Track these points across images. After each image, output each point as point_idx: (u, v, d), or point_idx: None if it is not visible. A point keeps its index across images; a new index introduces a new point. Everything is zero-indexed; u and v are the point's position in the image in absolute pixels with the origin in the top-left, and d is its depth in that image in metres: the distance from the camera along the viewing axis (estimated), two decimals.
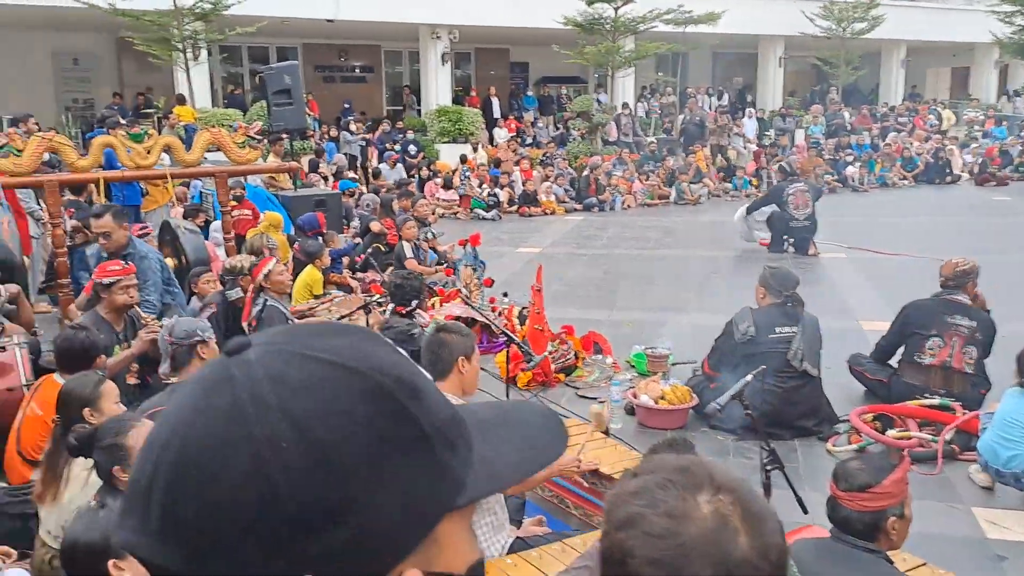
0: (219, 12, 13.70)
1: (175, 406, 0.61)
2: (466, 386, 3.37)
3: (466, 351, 3.31)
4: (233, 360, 0.61)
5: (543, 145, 19.68)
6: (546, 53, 20.60)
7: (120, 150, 6.33)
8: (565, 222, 14.25)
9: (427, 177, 15.98)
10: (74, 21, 16.57)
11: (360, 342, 0.64)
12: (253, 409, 0.57)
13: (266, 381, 0.58)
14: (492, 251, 10.23)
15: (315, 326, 0.68)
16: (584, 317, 7.36)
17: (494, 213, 14.47)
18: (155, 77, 18.40)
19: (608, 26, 18.31)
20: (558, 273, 9.46)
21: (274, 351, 0.61)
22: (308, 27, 19.09)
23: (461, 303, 6.72)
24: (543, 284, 6.19)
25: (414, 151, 17.62)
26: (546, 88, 24.23)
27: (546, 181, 15.85)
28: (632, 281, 9.55)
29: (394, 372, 0.63)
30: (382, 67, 23.67)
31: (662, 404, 5.22)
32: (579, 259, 10.89)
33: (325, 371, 0.60)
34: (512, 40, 23.22)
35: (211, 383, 0.60)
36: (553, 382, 5.95)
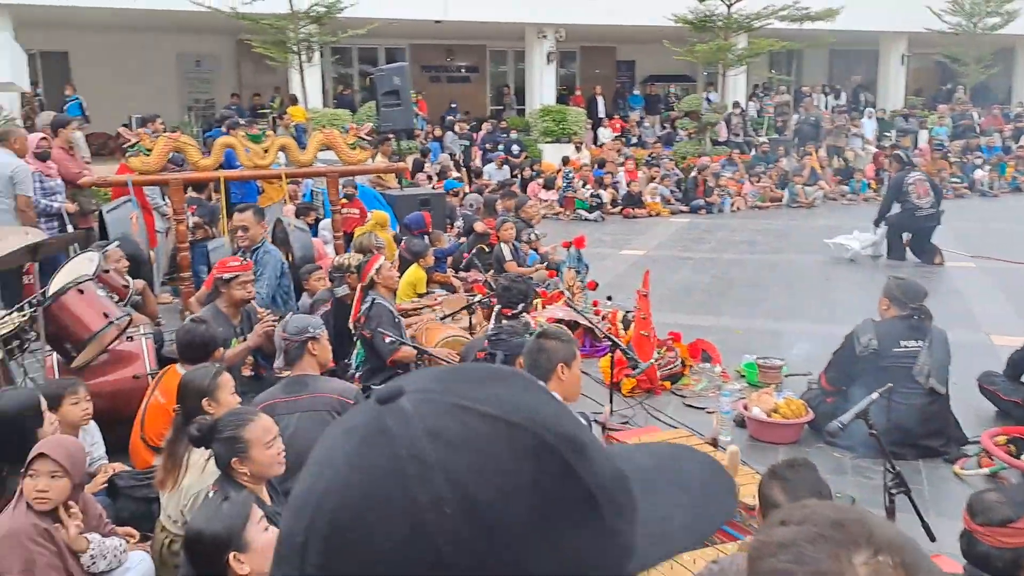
0: (333, 15, 14.08)
1: (327, 455, 0.59)
2: (566, 393, 3.31)
3: (566, 357, 3.27)
4: (387, 410, 0.58)
5: (649, 145, 19.37)
6: (653, 51, 20.27)
7: (239, 150, 6.55)
8: (670, 224, 13.95)
9: (529, 177, 15.96)
10: (198, 25, 17.39)
11: (519, 391, 0.61)
12: (413, 469, 0.55)
13: (424, 437, 0.56)
14: (595, 253, 10.10)
15: (470, 371, 0.64)
16: (691, 323, 7.17)
17: (597, 214, 14.30)
18: (270, 78, 19.13)
19: (720, 23, 17.84)
20: (664, 277, 9.26)
21: (430, 401, 0.58)
22: (416, 28, 19.42)
23: (564, 305, 6.63)
24: (649, 288, 6.05)
25: (517, 151, 17.65)
26: (653, 87, 23.85)
27: (652, 182, 15.56)
28: (742, 287, 9.24)
29: (557, 426, 0.59)
30: (487, 67, 23.86)
31: (775, 418, 5.00)
32: (685, 263, 10.63)
33: (485, 426, 0.57)
34: (619, 38, 22.97)
35: (366, 435, 0.58)
36: (658, 390, 5.80)
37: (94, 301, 4.76)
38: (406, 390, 0.59)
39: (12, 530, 2.81)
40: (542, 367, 3.21)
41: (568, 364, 3.25)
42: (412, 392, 0.59)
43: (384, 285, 5.45)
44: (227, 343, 4.78)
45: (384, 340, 5.11)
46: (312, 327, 3.98)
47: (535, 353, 3.26)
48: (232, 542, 2.38)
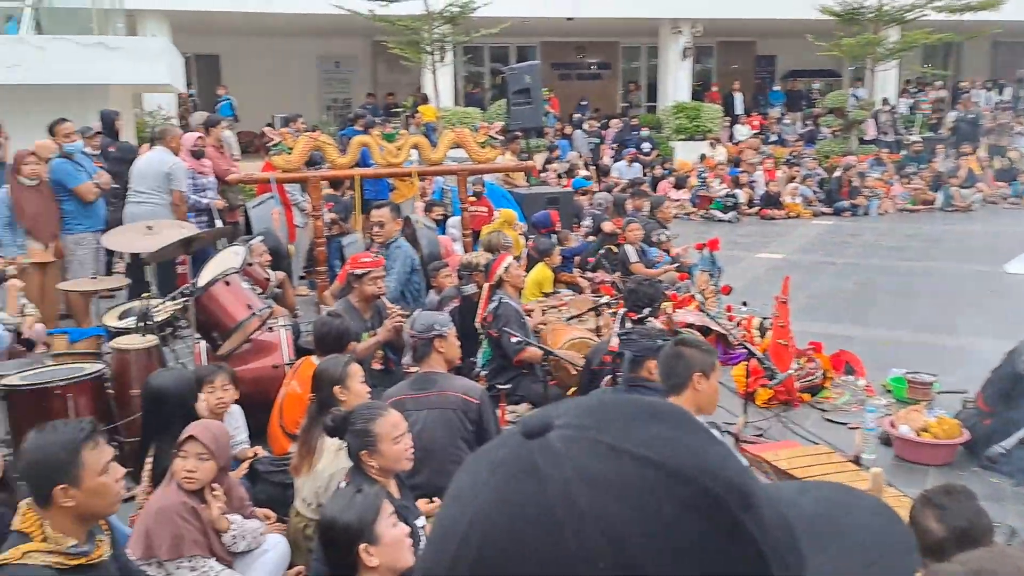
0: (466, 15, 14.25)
1: (471, 489, 0.56)
2: (701, 404, 3.18)
3: (704, 367, 3.16)
4: (536, 445, 0.54)
5: (789, 143, 18.57)
6: (796, 45, 19.42)
7: (374, 149, 6.70)
8: (811, 227, 13.30)
9: (660, 176, 15.62)
10: (337, 28, 18.08)
11: (680, 432, 0.56)
12: (565, 515, 0.51)
13: (577, 481, 0.52)
14: (729, 256, 9.74)
15: (626, 406, 0.58)
16: (834, 333, 6.79)
17: (732, 215, 13.82)
18: (404, 78, 19.66)
19: (870, 15, 16.84)
20: (804, 283, 8.80)
21: (582, 440, 0.54)
22: (547, 25, 19.42)
23: (695, 310, 6.40)
24: (788, 295, 5.76)
25: (648, 149, 17.33)
26: (794, 83, 22.84)
27: (792, 182, 14.88)
28: (890, 296, 8.67)
29: (724, 475, 0.54)
30: (619, 63, 23.58)
31: (925, 437, 4.64)
32: (828, 268, 10.08)
33: (644, 472, 0.52)
34: (759, 32, 22.15)
35: (513, 472, 0.54)
36: (797, 402, 5.50)
37: (239, 292, 4.97)
38: (555, 424, 0.55)
39: (163, 507, 2.97)
40: (678, 375, 3.13)
41: (706, 374, 3.14)
42: (562, 427, 0.55)
43: (511, 284, 5.43)
44: (358, 337, 4.89)
45: (511, 340, 5.08)
46: (439, 325, 3.99)
47: (671, 360, 3.18)
48: (363, 534, 2.42)
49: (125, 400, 4.50)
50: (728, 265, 8.61)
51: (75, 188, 6.73)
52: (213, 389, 3.93)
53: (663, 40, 19.77)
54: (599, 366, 4.62)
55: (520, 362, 5.20)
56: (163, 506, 2.98)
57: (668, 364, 3.18)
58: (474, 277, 5.88)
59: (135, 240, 6.06)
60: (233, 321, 4.84)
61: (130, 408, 4.42)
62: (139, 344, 4.67)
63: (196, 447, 3.05)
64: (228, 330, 4.84)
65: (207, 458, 3.05)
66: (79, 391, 4.30)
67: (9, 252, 6.51)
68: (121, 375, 4.60)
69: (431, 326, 3.98)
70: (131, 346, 4.66)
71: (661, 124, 19.06)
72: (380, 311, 5.31)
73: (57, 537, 2.36)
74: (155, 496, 3.06)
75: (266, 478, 3.95)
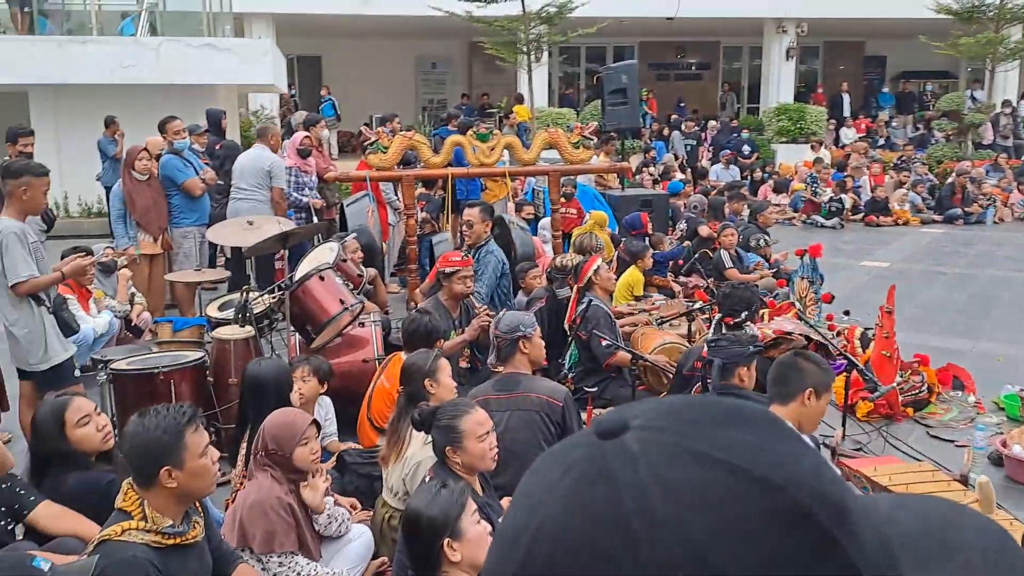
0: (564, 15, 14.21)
1: (541, 490, 0.53)
2: (803, 421, 3.06)
3: (818, 385, 3.09)
4: (609, 447, 0.51)
5: (899, 147, 17.75)
6: (908, 46, 18.59)
7: (467, 149, 6.74)
8: (921, 235, 12.66)
9: (761, 179, 15.17)
10: (435, 29, 18.35)
11: (769, 438, 0.51)
12: (640, 524, 0.47)
13: (654, 487, 0.48)
14: (832, 263, 9.38)
15: (708, 407, 0.53)
16: (942, 346, 6.45)
17: (835, 221, 13.29)
18: (499, 78, 19.78)
19: (991, 14, 15.92)
20: (911, 293, 8.38)
21: (659, 443, 0.50)
22: (646, 25, 19.18)
23: (794, 318, 6.16)
24: (894, 305, 5.49)
25: (748, 151, 16.88)
26: (906, 84, 21.87)
27: (901, 187, 14.21)
28: (1006, 308, 8.15)
29: (816, 486, 0.49)
30: (719, 63, 23.09)
31: None
32: (938, 278, 9.57)
33: (727, 481, 0.48)
34: (869, 32, 21.29)
35: (586, 475, 0.51)
36: (899, 416, 5.23)
37: (332, 288, 5.08)
38: (631, 425, 0.52)
39: (259, 500, 3.04)
40: (790, 385, 3.08)
41: (818, 392, 3.08)
42: (638, 428, 0.52)
43: (601, 287, 5.36)
44: (446, 335, 4.91)
45: (601, 343, 5.01)
46: (524, 325, 3.96)
47: (787, 369, 3.14)
48: (447, 528, 2.42)
49: (223, 388, 4.66)
50: (830, 273, 8.27)
51: (183, 184, 7.02)
52: (294, 379, 4.02)
53: (767, 40, 19.26)
54: (690, 372, 4.50)
55: (609, 366, 5.13)
56: (258, 499, 3.04)
57: (782, 372, 3.14)
58: (568, 280, 5.83)
59: (236, 234, 6.27)
60: (326, 315, 4.94)
61: (228, 395, 4.58)
62: (238, 335, 4.83)
63: (314, 430, 3.25)
64: (321, 324, 4.95)
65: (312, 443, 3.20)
66: (181, 377, 4.48)
67: (121, 244, 6.85)
68: (220, 364, 4.76)
69: (516, 327, 3.95)
70: (230, 336, 4.82)
71: (763, 126, 18.54)
72: (468, 310, 5.34)
73: (155, 517, 2.45)
74: (249, 487, 3.12)
75: (354, 469, 4.02)
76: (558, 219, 7.34)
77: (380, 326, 5.38)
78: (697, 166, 16.05)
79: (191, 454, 2.49)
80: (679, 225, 9.92)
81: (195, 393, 4.49)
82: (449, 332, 5.10)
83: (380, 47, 20.30)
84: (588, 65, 21.74)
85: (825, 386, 3.09)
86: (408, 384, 3.65)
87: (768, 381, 3.27)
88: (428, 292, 5.87)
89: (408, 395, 3.59)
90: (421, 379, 3.60)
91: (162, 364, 4.51)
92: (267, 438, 3.13)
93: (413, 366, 3.68)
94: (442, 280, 5.29)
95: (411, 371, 3.67)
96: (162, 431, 2.47)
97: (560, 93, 20.88)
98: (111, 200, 7.32)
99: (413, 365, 3.69)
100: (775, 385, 3.10)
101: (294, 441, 3.12)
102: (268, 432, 3.14)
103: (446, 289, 5.25)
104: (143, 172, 6.80)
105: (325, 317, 4.94)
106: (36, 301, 4.21)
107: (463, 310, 5.33)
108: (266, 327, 5.19)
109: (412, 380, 3.64)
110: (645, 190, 11.27)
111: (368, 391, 4.50)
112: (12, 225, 4.12)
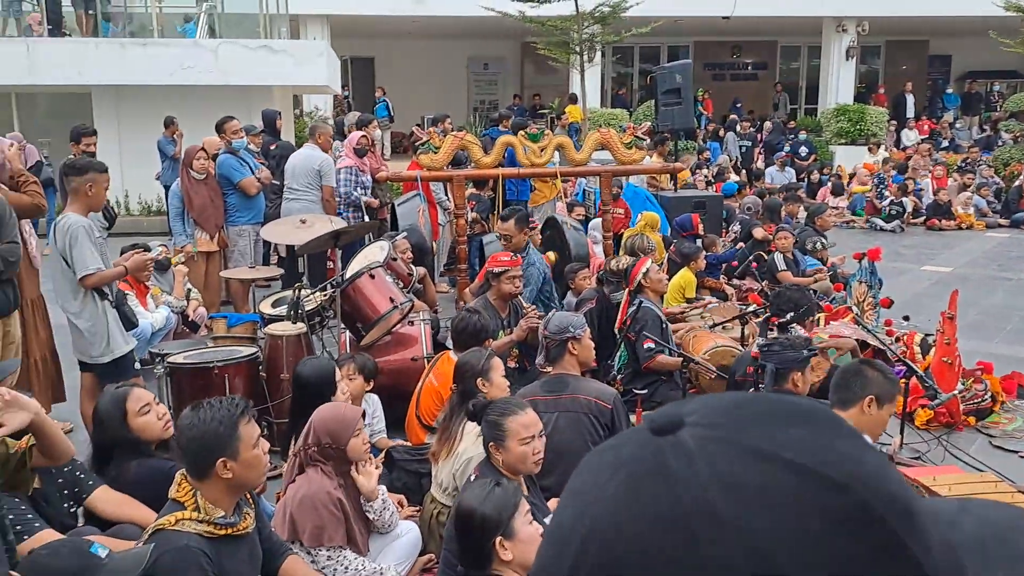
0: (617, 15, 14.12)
1: (594, 486, 0.51)
2: (863, 429, 2.99)
3: (881, 394, 3.05)
4: (666, 443, 0.50)
5: (963, 149, 17.22)
6: (974, 44, 18.05)
7: (518, 149, 6.74)
8: (985, 239, 12.25)
9: (818, 181, 14.85)
10: (487, 30, 18.41)
11: (831, 436, 0.49)
12: (700, 523, 0.46)
13: (715, 486, 0.47)
14: (891, 267, 9.13)
15: (767, 404, 0.51)
16: (1006, 354, 6.23)
17: (896, 224, 12.96)
18: (551, 78, 19.75)
19: None
20: (974, 298, 8.12)
21: (718, 440, 0.49)
22: (702, 25, 18.96)
23: (851, 322, 6.01)
24: (956, 311, 5.31)
25: (805, 153, 16.54)
26: (972, 84, 21.21)
27: (965, 191, 13.78)
28: None
29: (884, 486, 0.47)
30: (776, 63, 22.70)
31: None
32: (1003, 284, 9.24)
33: (790, 479, 0.46)
34: (933, 30, 20.71)
35: (642, 472, 0.49)
36: (960, 425, 5.07)
37: (382, 286, 5.12)
38: (686, 421, 0.50)
39: (309, 494, 3.07)
40: (851, 391, 3.06)
41: (879, 402, 3.04)
42: (695, 425, 0.50)
43: (652, 289, 5.30)
44: (494, 334, 4.91)
45: (644, 345, 4.96)
46: (573, 327, 3.94)
47: (850, 375, 3.12)
48: (500, 527, 2.42)
49: (276, 383, 4.73)
50: (890, 277, 8.06)
51: (239, 183, 7.15)
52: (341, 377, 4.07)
53: (826, 39, 18.87)
54: (742, 377, 4.41)
55: (649, 368, 5.06)
56: (308, 494, 3.07)
57: (845, 378, 3.13)
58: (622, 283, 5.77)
59: (290, 233, 6.37)
60: (376, 313, 4.98)
61: (280, 390, 4.64)
62: (290, 331, 4.89)
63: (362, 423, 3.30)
64: (371, 322, 4.99)
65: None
66: (235, 372, 4.57)
67: (179, 241, 7.01)
68: (273, 359, 4.83)
69: (566, 327, 3.93)
70: (283, 333, 4.89)
71: (821, 127, 18.16)
72: (517, 310, 5.33)
73: (208, 508, 2.49)
74: (300, 481, 3.15)
75: (402, 466, 4.04)
76: (609, 220, 7.29)
77: (429, 325, 5.40)
78: (752, 167, 15.80)
79: (245, 445, 2.54)
80: (732, 227, 9.77)
81: (248, 387, 4.57)
82: (498, 332, 5.09)
83: (432, 48, 20.45)
84: (641, 65, 21.57)
85: (889, 396, 3.04)
86: (461, 382, 3.66)
87: (830, 386, 3.24)
88: (477, 291, 5.88)
89: (461, 393, 3.59)
90: (474, 378, 3.61)
91: (217, 358, 4.61)
92: (319, 433, 3.15)
93: (466, 365, 3.68)
94: (491, 280, 5.29)
95: (464, 370, 3.67)
96: (218, 423, 2.51)
97: (613, 93, 20.75)
98: (170, 198, 7.49)
99: (466, 364, 3.69)
100: (836, 391, 3.08)
101: (348, 433, 3.15)
102: (321, 427, 3.17)
103: (495, 289, 5.25)
104: (201, 171, 6.94)
105: (375, 315, 4.98)
106: (99, 295, 4.32)
107: (512, 310, 5.33)
108: (317, 324, 5.25)
109: (465, 379, 3.64)
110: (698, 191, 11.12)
111: (416, 389, 4.52)
112: (80, 220, 4.24)
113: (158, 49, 12.35)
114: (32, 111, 13.74)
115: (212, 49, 12.30)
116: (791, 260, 7.69)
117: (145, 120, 11.37)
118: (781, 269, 7.52)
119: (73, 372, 4.78)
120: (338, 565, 3.04)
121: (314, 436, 3.16)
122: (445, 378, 4.35)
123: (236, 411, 2.57)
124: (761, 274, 7.83)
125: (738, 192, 11.53)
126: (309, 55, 12.96)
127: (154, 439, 3.24)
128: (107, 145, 12.23)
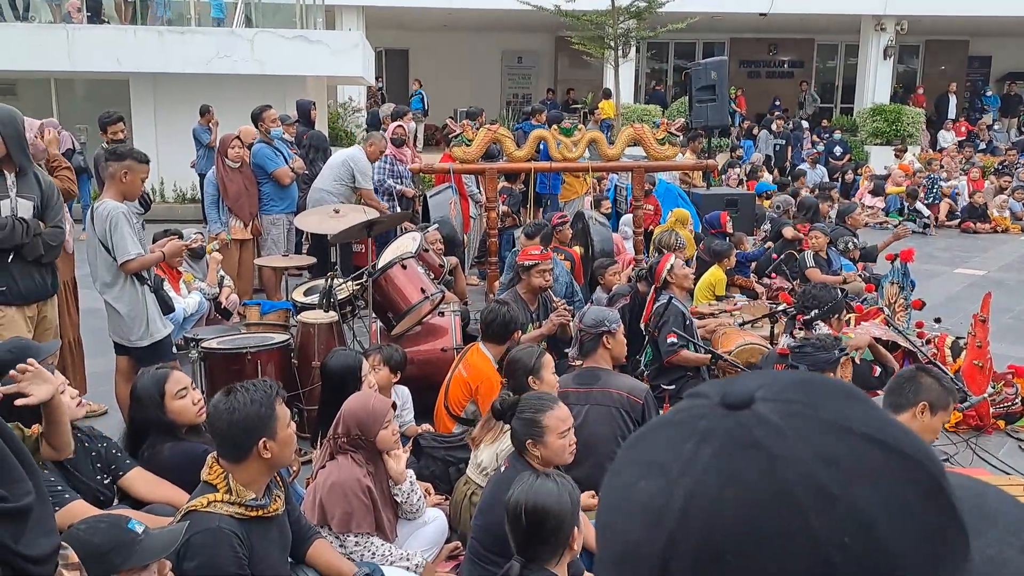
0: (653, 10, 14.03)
1: (675, 460, 0.51)
2: None
3: (934, 401, 3.03)
4: (747, 417, 0.50)
5: (1001, 151, 16.91)
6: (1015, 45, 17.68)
7: (551, 143, 6.74)
8: (1021, 243, 12.03)
9: (852, 181, 14.66)
10: (522, 24, 18.36)
11: (882, 413, 0.52)
12: (808, 497, 0.47)
13: (816, 459, 0.48)
14: (924, 269, 9.01)
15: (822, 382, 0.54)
16: None
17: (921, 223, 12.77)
18: (585, 73, 19.65)
19: None
20: (1008, 302, 8.00)
21: (799, 415, 0.50)
22: (738, 21, 18.77)
23: (882, 323, 5.95)
24: (989, 314, 5.25)
25: (839, 152, 16.33)
26: (1012, 85, 20.79)
27: (1001, 193, 13.54)
28: None
29: (936, 459, 0.52)
30: (812, 62, 22.41)
31: None
32: None
33: (876, 454, 0.49)
34: (973, 30, 20.32)
35: (731, 445, 0.50)
36: (990, 429, 5.03)
37: (414, 277, 5.15)
38: (757, 396, 0.51)
39: (339, 481, 3.12)
40: (904, 396, 3.06)
41: (932, 409, 3.02)
42: (768, 400, 0.51)
43: (678, 285, 5.28)
44: (524, 327, 4.93)
45: (667, 340, 4.95)
46: (609, 321, 3.96)
47: (905, 381, 3.13)
48: (575, 522, 2.44)
49: (306, 370, 4.79)
50: (924, 279, 7.97)
51: (273, 172, 7.22)
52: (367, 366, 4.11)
53: (864, 38, 18.59)
54: None
55: (671, 363, 5.06)
56: (339, 480, 3.12)
57: (899, 383, 3.15)
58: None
59: (323, 222, 6.43)
60: (407, 303, 5.02)
61: (311, 378, 4.70)
62: (322, 319, 4.95)
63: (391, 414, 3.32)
64: (402, 312, 5.03)
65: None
66: (268, 358, 4.63)
67: (214, 228, 7.11)
68: (304, 347, 4.90)
69: (601, 321, 3.95)
70: (314, 321, 4.95)
71: (856, 127, 17.91)
72: (547, 303, 5.34)
73: (239, 490, 2.54)
74: (330, 468, 3.20)
75: (429, 453, 4.07)
76: (640, 216, 7.27)
77: (459, 316, 5.43)
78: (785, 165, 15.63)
79: (281, 424, 2.60)
80: (763, 226, 9.69)
81: (280, 373, 4.63)
82: (527, 325, 5.11)
83: (466, 40, 20.45)
84: (676, 61, 21.41)
85: (942, 404, 3.02)
86: (512, 378, 3.69)
87: (885, 390, 3.28)
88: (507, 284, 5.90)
89: (513, 390, 3.62)
90: (525, 375, 3.64)
91: (250, 344, 4.68)
92: (349, 424, 3.19)
93: (518, 362, 3.71)
94: (521, 273, 5.31)
95: (515, 367, 3.71)
96: (259, 405, 2.56)
97: (647, 89, 20.63)
98: (205, 186, 7.58)
99: (518, 361, 3.72)
100: (889, 394, 3.10)
101: (377, 426, 3.19)
102: (351, 418, 3.20)
103: (525, 282, 5.27)
104: (235, 160, 7.02)
105: (406, 305, 5.02)
106: (139, 279, 4.38)
107: (541, 304, 5.34)
108: (349, 313, 5.30)
109: (516, 375, 3.68)
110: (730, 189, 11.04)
111: (445, 380, 4.55)
112: (118, 205, 4.28)
113: (195, 37, 12.49)
114: (71, 97, 13.97)
115: (248, 38, 12.42)
116: (823, 259, 7.61)
117: (181, 108, 11.52)
118: (809, 266, 7.45)
119: (97, 359, 4.80)
120: (365, 551, 3.09)
121: (344, 427, 3.20)
122: (474, 369, 4.38)
123: (272, 392, 2.62)
124: (792, 273, 7.76)
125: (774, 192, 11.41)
126: (344, 46, 13.03)
127: (187, 423, 3.27)
128: (144, 131, 12.43)
